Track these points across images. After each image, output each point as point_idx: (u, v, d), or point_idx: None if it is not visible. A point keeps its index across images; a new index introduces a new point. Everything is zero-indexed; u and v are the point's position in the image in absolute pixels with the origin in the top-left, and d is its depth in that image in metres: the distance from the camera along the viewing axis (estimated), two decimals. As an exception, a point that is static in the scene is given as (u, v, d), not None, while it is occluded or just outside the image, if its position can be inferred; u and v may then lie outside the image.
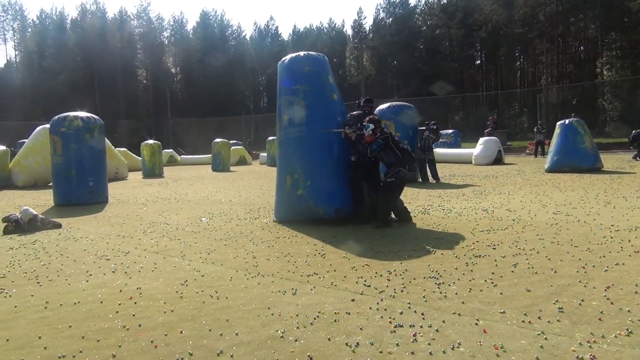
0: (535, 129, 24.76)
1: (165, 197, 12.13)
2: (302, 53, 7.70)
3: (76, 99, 48.44)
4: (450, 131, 28.09)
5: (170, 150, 34.71)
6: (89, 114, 11.72)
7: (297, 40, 74.13)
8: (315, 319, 3.37)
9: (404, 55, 62.46)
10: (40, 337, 3.23)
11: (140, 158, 23.82)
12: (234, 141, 33.48)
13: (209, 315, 3.53)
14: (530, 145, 27.11)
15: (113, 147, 20.46)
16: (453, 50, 63.07)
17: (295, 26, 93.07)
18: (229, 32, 76.26)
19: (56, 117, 11.56)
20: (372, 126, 6.78)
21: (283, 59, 7.83)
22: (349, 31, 74.81)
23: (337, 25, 76.18)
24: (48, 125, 14.77)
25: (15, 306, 3.92)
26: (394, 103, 14.38)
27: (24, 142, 20.80)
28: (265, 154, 28.49)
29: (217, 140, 25.81)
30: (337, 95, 7.59)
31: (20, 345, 3.12)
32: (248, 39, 78.02)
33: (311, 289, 4.08)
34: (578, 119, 15.38)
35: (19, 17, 69.53)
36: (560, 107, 43.93)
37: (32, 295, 4.20)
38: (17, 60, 69.90)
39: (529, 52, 57.56)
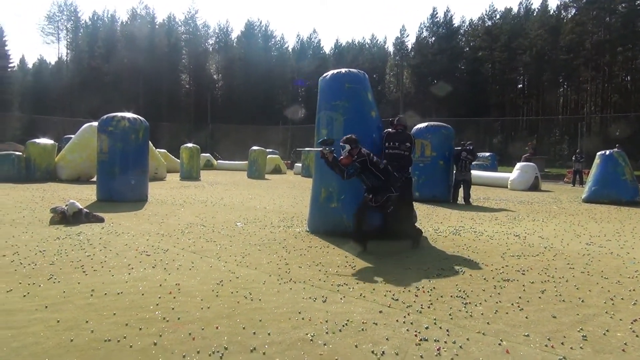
0: (573, 158, 24.35)
1: (202, 200, 12.49)
2: (343, 70, 7.89)
3: (121, 99, 50.09)
4: (488, 154, 27.87)
5: (208, 154, 35.41)
6: (135, 116, 12.18)
7: (339, 54, 74.82)
8: (343, 326, 3.52)
9: (444, 75, 62.29)
10: (87, 322, 3.48)
11: (178, 160, 24.44)
12: (271, 150, 33.98)
13: (243, 315, 3.72)
14: (568, 173, 26.64)
15: (154, 148, 21.07)
16: (495, 73, 62.56)
17: (337, 40, 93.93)
18: (272, 42, 77.61)
19: (105, 116, 12.07)
20: (348, 147, 6.20)
21: (324, 74, 8.05)
22: (390, 48, 75.16)
23: (379, 42, 76.71)
24: (94, 123, 15.43)
25: (64, 292, 4.20)
26: (431, 123, 14.45)
27: (70, 138, 21.65)
28: (300, 165, 28.81)
29: (254, 147, 26.30)
30: (375, 113, 7.76)
31: (69, 327, 3.37)
32: (290, 50, 79.17)
33: (341, 298, 4.23)
34: (619, 150, 15.13)
35: (72, 18, 72.39)
36: (602, 136, 43.00)
37: (78, 283, 4.47)
38: (68, 58, 72.61)
39: (573, 79, 56.65)
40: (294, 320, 3.64)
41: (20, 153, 18.30)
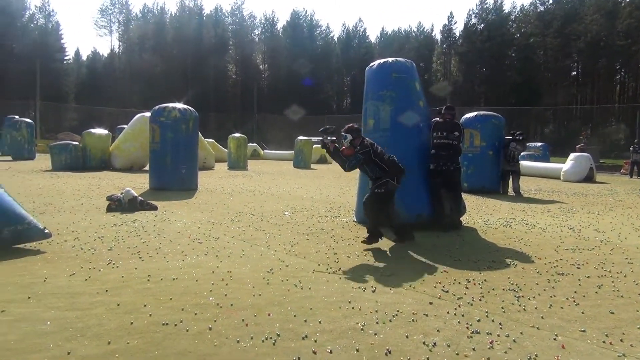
0: (631, 148, 23.32)
1: (250, 190, 12.69)
2: (390, 59, 7.81)
3: (170, 89, 51.27)
4: (539, 144, 27.07)
5: (254, 144, 35.86)
6: (185, 106, 12.44)
7: (385, 43, 74.09)
8: (394, 316, 3.53)
9: (494, 62, 60.71)
10: (145, 305, 3.61)
11: (226, 150, 24.88)
12: (316, 139, 34.10)
13: (294, 303, 3.78)
14: (625, 164, 25.56)
15: (203, 137, 21.51)
16: (547, 60, 60.46)
17: (383, 29, 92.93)
18: (318, 32, 77.55)
19: (156, 107, 12.39)
20: (349, 137, 5.90)
21: (371, 64, 7.99)
22: (437, 36, 73.81)
23: (425, 30, 75.37)
24: (147, 113, 15.88)
25: (122, 276, 4.37)
26: (481, 112, 14.14)
27: (123, 128, 22.37)
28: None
29: (300, 137, 26.46)
30: (423, 102, 7.66)
31: (129, 310, 3.51)
32: (335, 39, 78.92)
33: (390, 289, 4.23)
34: (682, 141, 14.42)
35: (124, 11, 74.53)
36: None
37: (135, 268, 4.65)
38: (120, 50, 74.87)
39: (631, 65, 54.12)
40: (344, 309, 3.67)
41: (77, 143, 19.05)
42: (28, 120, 26.40)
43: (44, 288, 3.98)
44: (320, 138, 5.99)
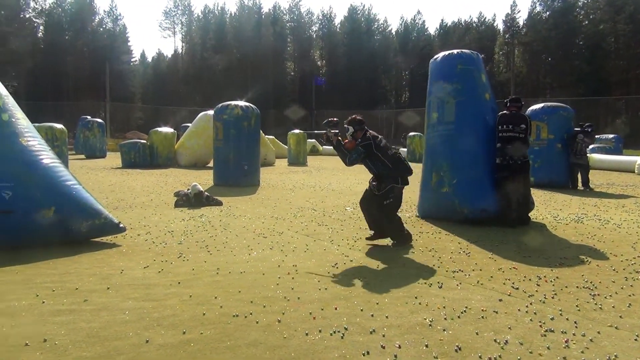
0: None
1: (311, 185, 12.80)
2: (455, 51, 7.65)
3: (231, 87, 52.42)
4: (611, 136, 25.75)
5: (313, 140, 36.05)
6: (247, 103, 12.69)
7: (444, 35, 72.53)
8: (462, 313, 3.47)
9: (560, 51, 58.16)
10: (216, 297, 3.73)
11: (286, 146, 25.17)
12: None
13: (360, 297, 3.79)
14: None
15: (263, 134, 21.86)
16: (619, 47, 57.24)
17: (442, 20, 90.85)
18: (375, 26, 77.01)
19: (219, 105, 12.70)
20: (351, 129, 5.56)
21: (435, 56, 7.87)
22: (499, 26, 71.53)
23: (487, 20, 73.18)
24: (210, 112, 16.33)
25: (193, 269, 4.53)
26: (548, 104, 13.60)
27: (187, 126, 23.08)
28: (405, 149, 28.49)
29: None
30: (489, 95, 7.47)
31: (201, 302, 3.64)
32: (394, 33, 78.07)
33: (457, 285, 4.16)
34: None
35: (187, 12, 76.79)
36: None
37: (205, 262, 4.80)
38: (183, 51, 77.21)
39: None
40: (410, 304, 3.65)
41: (145, 141, 19.82)
42: (99, 120, 27.71)
43: (121, 279, 4.18)
44: (323, 131, 5.69)
